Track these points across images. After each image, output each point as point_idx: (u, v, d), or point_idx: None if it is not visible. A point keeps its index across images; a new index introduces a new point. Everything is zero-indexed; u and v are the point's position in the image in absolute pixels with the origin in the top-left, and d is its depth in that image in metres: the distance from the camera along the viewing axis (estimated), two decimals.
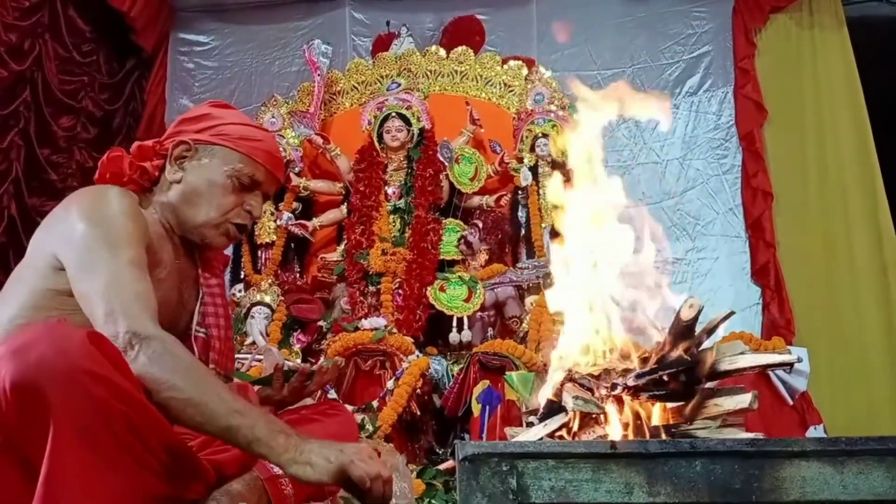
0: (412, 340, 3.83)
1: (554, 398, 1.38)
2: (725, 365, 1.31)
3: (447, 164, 4.44)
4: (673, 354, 1.30)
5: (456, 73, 4.90)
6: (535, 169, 4.45)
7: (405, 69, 4.87)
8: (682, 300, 1.35)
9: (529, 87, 4.70)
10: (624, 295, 1.52)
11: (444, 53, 4.94)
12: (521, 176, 4.43)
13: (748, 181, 4.83)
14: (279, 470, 1.39)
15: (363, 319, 3.96)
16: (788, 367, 1.38)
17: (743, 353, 1.32)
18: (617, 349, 1.45)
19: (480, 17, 5.18)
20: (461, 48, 4.94)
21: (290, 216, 4.55)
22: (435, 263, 4.23)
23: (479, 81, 4.88)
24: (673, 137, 5.00)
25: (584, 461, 1.04)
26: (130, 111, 5.48)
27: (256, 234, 4.52)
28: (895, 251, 4.65)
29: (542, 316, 3.87)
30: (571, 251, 1.63)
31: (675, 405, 1.33)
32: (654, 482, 1.03)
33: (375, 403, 3.47)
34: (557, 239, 1.75)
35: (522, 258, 4.38)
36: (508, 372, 3.47)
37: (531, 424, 1.42)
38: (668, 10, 5.14)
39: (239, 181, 1.53)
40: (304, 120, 4.75)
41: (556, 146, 4.34)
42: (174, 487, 1.20)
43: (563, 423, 1.33)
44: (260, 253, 4.58)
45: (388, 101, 4.59)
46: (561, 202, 1.71)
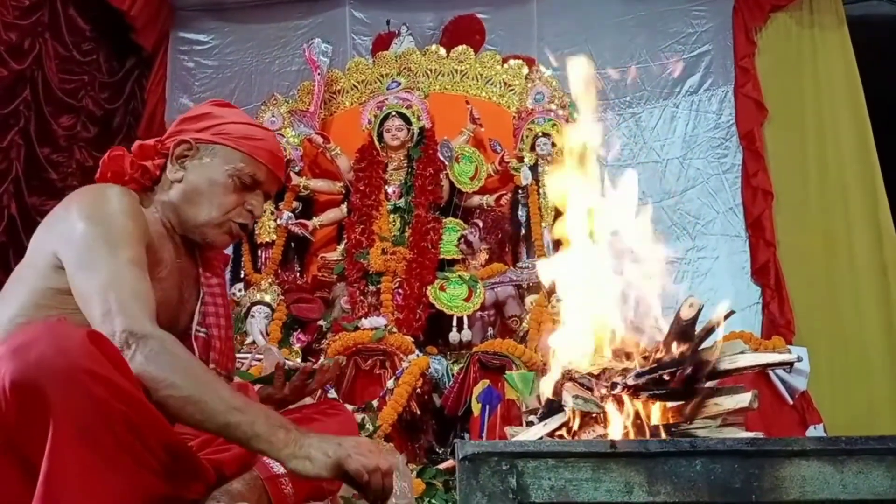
0: (412, 340, 3.83)
1: (554, 397, 1.38)
2: (725, 364, 1.31)
3: (447, 163, 4.44)
4: (673, 353, 1.30)
5: (456, 72, 4.90)
6: (535, 168, 4.45)
7: (405, 68, 4.87)
8: (682, 299, 1.35)
9: (529, 86, 4.70)
10: (624, 293, 1.52)
11: (444, 52, 4.94)
12: (521, 175, 4.43)
13: (748, 180, 4.83)
14: (279, 469, 1.40)
15: (363, 319, 3.96)
16: (788, 366, 1.38)
17: (743, 352, 1.32)
18: (617, 348, 1.45)
19: (481, 16, 5.18)
20: (461, 47, 4.93)
21: (290, 215, 4.55)
22: (435, 263, 4.23)
23: (479, 80, 4.88)
24: (673, 136, 5.00)
25: (583, 460, 1.04)
26: (130, 110, 5.48)
27: (256, 233, 4.52)
28: (895, 250, 4.65)
29: (542, 315, 3.87)
30: (571, 250, 1.63)
31: (675, 404, 1.33)
32: (654, 481, 1.03)
33: (375, 403, 3.47)
34: (557, 233, 1.74)
35: (522, 257, 4.38)
36: (508, 371, 3.47)
37: (531, 424, 1.42)
38: (668, 8, 5.14)
39: (240, 180, 1.53)
40: (304, 119, 4.74)
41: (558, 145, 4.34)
42: (174, 487, 1.20)
43: (562, 422, 1.33)
44: (260, 252, 4.58)
45: (388, 100, 4.58)
46: (562, 200, 1.71)
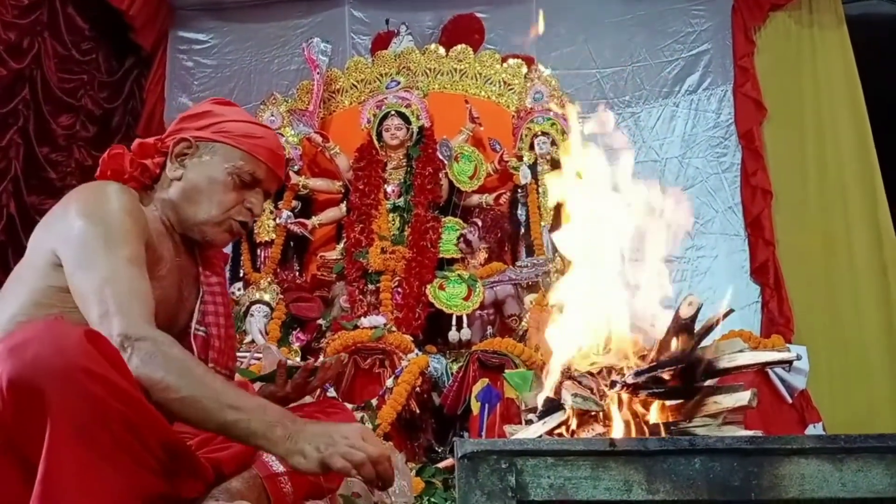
0: (411, 339, 3.83)
1: (553, 396, 1.38)
2: (724, 363, 1.31)
3: (446, 162, 4.44)
4: (672, 352, 1.30)
5: (455, 71, 4.90)
6: (534, 167, 4.45)
7: (404, 67, 4.87)
8: (681, 298, 1.35)
9: (529, 85, 4.70)
10: (624, 292, 1.51)
11: (443, 51, 4.94)
12: (520, 174, 4.43)
13: (747, 179, 4.83)
14: (278, 468, 1.40)
15: (362, 318, 3.96)
16: (787, 364, 1.38)
17: (742, 350, 1.32)
18: (616, 347, 1.45)
19: (480, 15, 5.18)
20: (460, 46, 4.93)
21: (289, 214, 4.55)
22: (434, 262, 4.23)
23: (478, 80, 4.88)
24: (672, 136, 5.00)
25: (583, 459, 1.04)
26: (129, 109, 5.48)
27: (256, 232, 4.52)
28: (894, 250, 4.65)
29: (541, 314, 3.87)
30: (572, 247, 1.63)
31: (674, 403, 1.33)
32: (653, 480, 1.03)
33: (375, 402, 3.47)
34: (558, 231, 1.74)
35: (522, 256, 4.38)
36: (508, 370, 3.47)
37: (530, 422, 1.42)
38: (667, 7, 5.14)
39: (240, 178, 1.53)
40: (303, 118, 4.74)
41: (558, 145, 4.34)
42: (172, 485, 1.20)
43: (561, 420, 1.33)
44: (259, 251, 4.58)
45: (387, 99, 4.58)
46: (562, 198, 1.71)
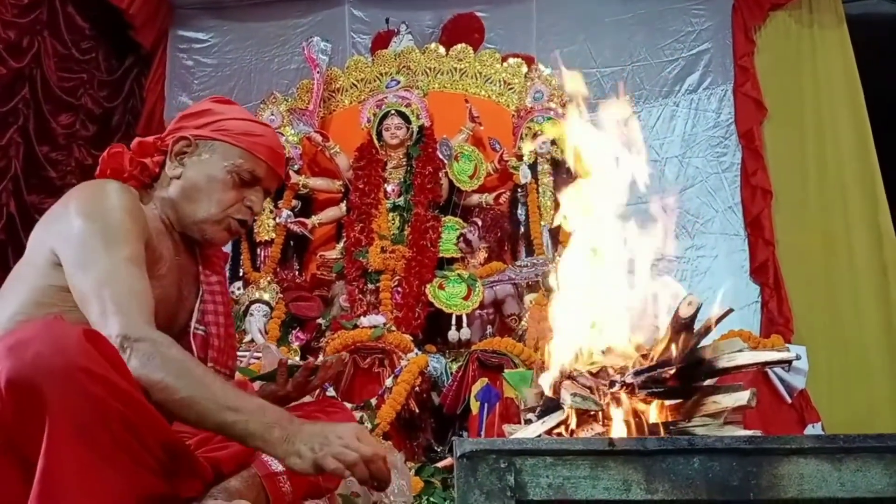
0: (411, 338, 3.83)
1: (552, 395, 1.38)
2: (724, 362, 1.30)
3: (446, 161, 4.44)
4: (671, 352, 1.30)
5: (455, 70, 4.89)
6: (534, 167, 4.45)
7: (404, 67, 4.87)
8: (681, 297, 1.34)
9: (529, 84, 4.70)
10: (624, 292, 1.51)
11: (443, 51, 4.93)
12: (520, 174, 4.42)
13: (747, 179, 4.83)
14: (277, 467, 1.40)
15: (362, 317, 3.95)
16: (787, 364, 1.38)
17: (741, 350, 1.32)
18: (615, 347, 1.45)
19: (480, 14, 5.17)
20: (460, 46, 4.93)
21: (289, 214, 4.55)
22: (434, 261, 4.23)
23: (478, 79, 4.87)
24: (672, 135, 4.99)
25: (581, 458, 1.04)
26: (129, 108, 5.48)
27: (255, 231, 4.52)
28: (894, 250, 4.64)
29: (540, 314, 3.86)
30: (572, 247, 1.63)
31: (673, 402, 1.33)
32: (652, 479, 1.03)
33: (374, 401, 3.47)
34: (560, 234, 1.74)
35: (521, 256, 4.37)
36: (507, 370, 3.47)
37: (529, 422, 1.42)
38: (667, 7, 5.13)
39: (239, 177, 1.53)
40: (303, 117, 4.74)
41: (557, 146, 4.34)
42: (171, 485, 1.20)
43: (561, 420, 1.33)
44: (259, 250, 4.58)
45: (387, 98, 4.58)
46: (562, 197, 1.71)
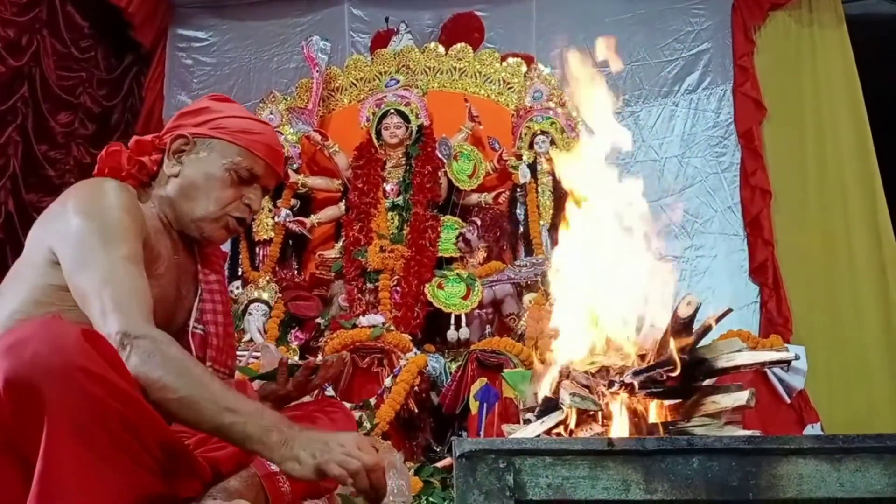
0: (410, 338, 3.82)
1: (551, 395, 1.38)
2: (723, 362, 1.30)
3: (446, 161, 4.44)
4: (670, 352, 1.30)
5: (455, 69, 4.89)
6: (533, 166, 4.45)
7: (404, 66, 4.86)
8: (680, 297, 1.34)
9: (528, 83, 4.70)
10: (624, 292, 1.51)
11: (442, 50, 4.93)
12: (519, 173, 4.42)
13: (747, 179, 4.83)
14: (276, 467, 1.39)
15: (361, 317, 3.95)
16: (786, 364, 1.38)
17: (740, 350, 1.32)
18: (615, 346, 1.44)
19: (479, 13, 5.17)
20: (460, 45, 4.92)
21: (288, 213, 4.54)
22: (433, 261, 4.22)
23: (477, 78, 4.87)
24: (672, 135, 4.99)
25: (581, 458, 1.04)
26: (129, 107, 5.47)
27: (254, 230, 4.52)
28: (894, 250, 4.64)
29: (539, 313, 3.86)
30: (571, 247, 1.63)
31: (672, 402, 1.33)
32: (651, 479, 1.03)
33: (373, 401, 3.47)
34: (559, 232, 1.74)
35: (521, 256, 4.37)
36: (506, 369, 3.47)
37: (528, 421, 1.42)
38: (667, 7, 5.13)
39: (237, 174, 1.52)
40: (302, 116, 4.74)
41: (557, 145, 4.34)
42: (170, 485, 1.19)
43: (560, 420, 1.33)
44: (258, 250, 4.58)
45: (386, 97, 4.58)
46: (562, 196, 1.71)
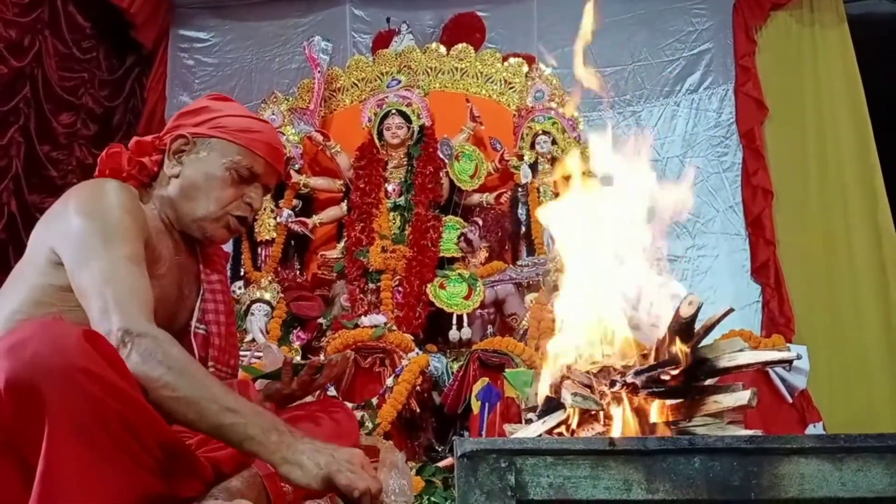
0: (412, 338, 3.82)
1: (553, 395, 1.38)
2: (725, 362, 1.30)
3: (447, 161, 4.44)
4: (672, 351, 1.30)
5: (456, 70, 4.89)
6: (535, 166, 4.45)
7: (405, 66, 4.86)
8: (681, 297, 1.34)
9: (530, 84, 4.70)
10: (624, 292, 1.51)
11: (444, 50, 4.93)
12: (521, 173, 4.42)
13: (748, 179, 4.83)
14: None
15: (363, 317, 3.95)
16: (788, 364, 1.38)
17: (742, 350, 1.31)
18: (616, 346, 1.44)
19: (481, 13, 5.17)
20: (461, 45, 4.92)
21: (290, 213, 4.55)
22: (435, 261, 4.22)
23: (479, 78, 4.87)
24: (673, 135, 4.99)
25: (582, 458, 1.03)
26: (130, 108, 5.48)
27: (256, 231, 4.52)
28: (895, 249, 4.64)
29: (541, 313, 3.86)
30: (573, 247, 1.62)
31: (674, 402, 1.33)
32: (652, 479, 1.03)
33: (375, 401, 3.47)
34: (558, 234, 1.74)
35: (522, 256, 4.37)
36: (508, 369, 3.47)
37: (530, 421, 1.42)
38: (668, 7, 5.13)
39: (238, 173, 1.52)
40: (304, 117, 4.74)
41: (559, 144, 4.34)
42: (171, 485, 1.19)
43: (561, 419, 1.33)
44: (260, 250, 4.58)
45: (388, 98, 4.57)
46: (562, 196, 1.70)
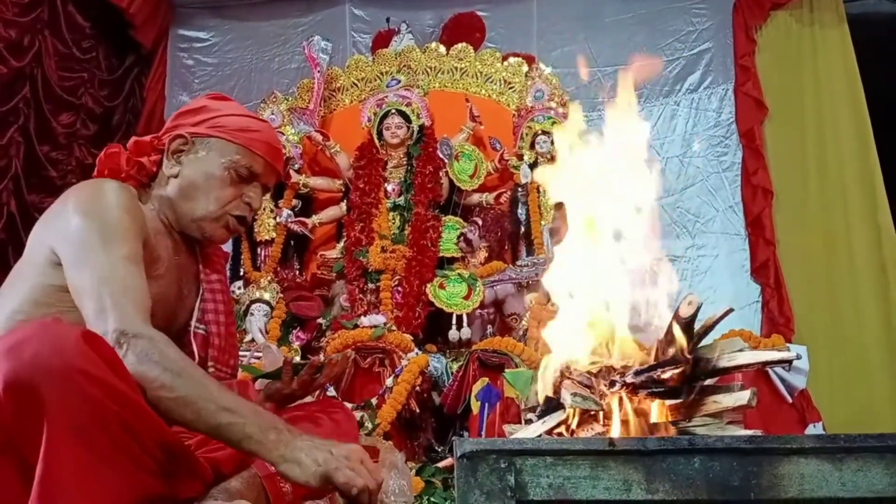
0: (411, 338, 3.82)
1: (553, 395, 1.38)
2: (724, 362, 1.30)
3: (447, 161, 4.44)
4: (671, 352, 1.30)
5: (456, 69, 4.89)
6: (534, 166, 4.44)
7: (405, 66, 4.86)
8: (681, 297, 1.34)
9: (529, 83, 4.70)
10: (624, 292, 1.51)
11: (444, 50, 4.93)
12: (520, 173, 4.42)
13: (748, 178, 4.82)
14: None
15: (362, 317, 3.95)
16: (787, 364, 1.38)
17: (742, 350, 1.31)
18: (616, 346, 1.44)
19: (480, 13, 5.17)
20: (461, 45, 4.92)
21: (289, 213, 4.55)
22: (434, 261, 4.22)
23: (479, 78, 4.87)
24: (673, 135, 4.99)
25: (582, 458, 1.03)
26: (130, 108, 5.47)
27: (256, 231, 4.52)
28: (895, 249, 4.64)
29: (541, 313, 3.86)
30: (572, 248, 1.62)
31: (673, 402, 1.33)
32: (652, 479, 1.03)
33: (374, 401, 3.47)
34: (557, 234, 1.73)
35: (522, 255, 4.37)
36: (507, 369, 3.47)
37: (530, 421, 1.42)
38: (668, 6, 5.13)
39: (237, 173, 1.52)
40: (303, 117, 4.74)
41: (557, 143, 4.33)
42: (171, 486, 1.19)
43: (561, 420, 1.33)
44: (259, 250, 4.58)
45: (387, 97, 4.57)
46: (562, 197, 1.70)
